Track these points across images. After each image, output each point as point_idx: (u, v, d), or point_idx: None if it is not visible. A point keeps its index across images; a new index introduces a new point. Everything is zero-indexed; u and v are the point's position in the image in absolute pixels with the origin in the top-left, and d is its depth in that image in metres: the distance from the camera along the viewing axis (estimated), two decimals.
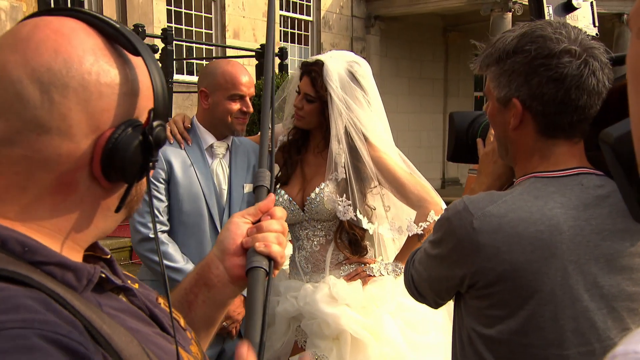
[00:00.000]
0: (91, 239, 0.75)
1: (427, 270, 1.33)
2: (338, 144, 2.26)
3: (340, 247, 2.30)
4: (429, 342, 2.28)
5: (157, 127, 0.73)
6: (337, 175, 2.27)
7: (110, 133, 0.70)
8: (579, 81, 1.15)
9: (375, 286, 2.29)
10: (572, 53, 1.15)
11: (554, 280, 1.16)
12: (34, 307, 0.60)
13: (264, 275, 0.87)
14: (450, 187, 14.63)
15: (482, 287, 1.20)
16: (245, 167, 2.34)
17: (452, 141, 1.53)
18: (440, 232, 1.26)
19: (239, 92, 2.24)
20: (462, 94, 15.54)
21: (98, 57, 0.70)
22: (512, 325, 1.18)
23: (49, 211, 0.70)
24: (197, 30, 10.48)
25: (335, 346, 2.19)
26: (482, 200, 1.21)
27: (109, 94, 0.70)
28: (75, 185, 0.70)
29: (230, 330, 2.26)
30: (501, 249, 1.16)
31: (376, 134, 2.34)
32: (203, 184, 2.23)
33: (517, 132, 1.22)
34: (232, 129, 2.27)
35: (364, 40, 13.22)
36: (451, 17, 14.32)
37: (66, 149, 0.68)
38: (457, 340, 1.32)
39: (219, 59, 2.43)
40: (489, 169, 1.39)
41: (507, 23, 11.65)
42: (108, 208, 0.75)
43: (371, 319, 2.22)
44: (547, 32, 1.16)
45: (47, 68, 0.67)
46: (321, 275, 2.30)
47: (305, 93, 2.27)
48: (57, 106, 0.67)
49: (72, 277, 0.68)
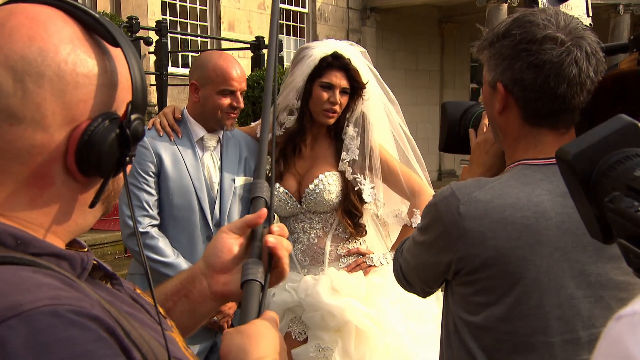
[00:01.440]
0: (71, 234, 0.73)
1: (415, 257, 1.33)
2: (354, 127, 2.32)
3: (343, 220, 2.31)
4: (427, 333, 2.30)
5: (135, 120, 0.71)
6: (351, 157, 2.29)
7: (86, 125, 0.68)
8: (558, 69, 1.13)
9: (377, 276, 2.30)
10: (555, 40, 1.13)
11: (539, 267, 1.15)
12: (55, 284, 0.60)
13: (259, 289, 0.86)
14: (447, 179, 14.64)
15: (467, 274, 1.20)
16: (237, 159, 2.31)
17: (445, 132, 1.52)
18: (427, 218, 1.26)
19: (230, 87, 2.20)
20: (458, 86, 15.53)
21: (75, 47, 0.68)
22: (497, 312, 1.18)
23: (27, 205, 0.68)
24: (192, 23, 10.44)
25: (340, 338, 2.18)
26: (469, 185, 1.21)
27: (86, 84, 0.68)
28: (50, 178, 0.68)
29: (222, 324, 2.25)
30: (487, 234, 1.15)
31: (377, 121, 2.38)
32: (194, 177, 2.21)
33: (503, 116, 1.22)
34: (221, 124, 2.25)
35: (359, 32, 13.19)
36: (447, 9, 14.29)
37: (40, 141, 0.66)
38: (444, 329, 1.32)
39: (211, 51, 2.40)
40: (480, 159, 1.39)
41: (503, 14, 11.62)
42: (85, 203, 0.73)
43: (374, 309, 2.22)
44: (536, 18, 1.15)
45: (20, 56, 0.65)
46: (320, 268, 2.29)
47: (343, 87, 2.26)
48: (30, 95, 0.65)
49: (66, 266, 0.67)
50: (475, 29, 1.42)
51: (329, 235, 2.33)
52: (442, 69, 15.22)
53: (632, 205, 0.62)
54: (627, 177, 0.65)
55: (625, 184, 0.65)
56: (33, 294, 0.57)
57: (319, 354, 2.16)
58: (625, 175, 0.65)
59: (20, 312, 0.56)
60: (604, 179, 0.68)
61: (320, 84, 2.24)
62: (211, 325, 2.23)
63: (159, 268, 2.15)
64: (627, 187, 0.64)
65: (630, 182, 0.64)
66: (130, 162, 0.73)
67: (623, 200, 0.63)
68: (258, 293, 0.86)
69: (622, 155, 0.68)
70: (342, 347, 2.17)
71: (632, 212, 0.61)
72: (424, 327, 2.31)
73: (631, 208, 0.62)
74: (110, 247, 5.72)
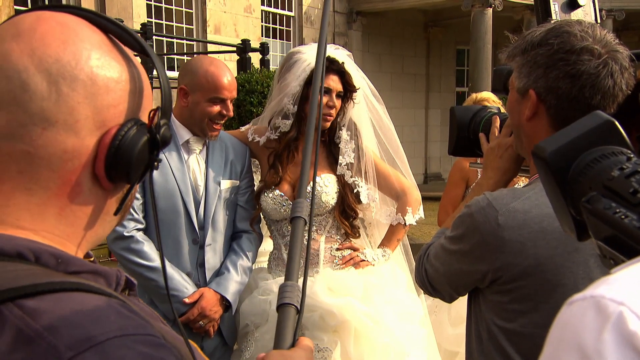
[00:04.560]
0: (91, 245, 0.73)
1: (445, 265, 1.35)
2: (346, 130, 2.34)
3: (340, 222, 2.34)
4: (417, 334, 2.33)
5: (163, 125, 0.71)
6: (347, 160, 2.32)
7: (116, 130, 0.68)
8: (595, 80, 1.15)
9: (373, 276, 2.31)
10: (593, 52, 1.15)
11: (576, 274, 1.19)
12: (119, 310, 0.60)
13: (295, 313, 0.86)
14: (433, 182, 14.70)
15: (505, 282, 1.23)
16: (223, 162, 2.29)
17: (454, 135, 1.54)
18: (462, 228, 1.28)
19: (221, 95, 2.17)
20: (444, 89, 15.61)
21: (104, 53, 0.69)
22: (536, 318, 1.21)
23: (56, 217, 0.67)
24: (178, 26, 10.38)
25: (338, 338, 2.18)
26: (505, 196, 1.24)
27: (116, 90, 0.68)
28: (79, 186, 0.67)
29: (208, 329, 2.23)
30: (526, 244, 1.19)
31: (364, 124, 2.41)
32: (179, 180, 2.19)
33: (531, 124, 1.23)
34: (205, 133, 2.22)
35: (346, 36, 13.21)
36: (432, 13, 14.37)
37: (71, 145, 0.65)
38: (474, 335, 1.34)
39: (202, 56, 2.37)
40: (495, 163, 1.40)
41: (487, 19, 11.71)
42: (107, 212, 0.72)
43: (373, 309, 2.23)
44: (573, 29, 1.17)
45: (55, 59, 0.64)
46: (315, 270, 2.30)
47: (338, 91, 2.28)
48: (65, 99, 0.64)
49: (103, 282, 0.66)
50: (460, 33, 1.44)
51: (323, 237, 2.34)
52: (427, 72, 15.29)
53: (610, 206, 0.62)
54: (604, 176, 0.65)
55: (602, 184, 0.64)
56: (103, 324, 0.57)
57: (317, 355, 2.15)
58: (602, 175, 0.65)
59: (95, 344, 0.55)
60: (580, 178, 0.68)
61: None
62: (197, 330, 2.21)
63: (143, 272, 2.13)
64: (604, 187, 0.64)
65: (607, 183, 0.64)
66: (157, 168, 0.73)
67: (600, 201, 0.63)
68: (294, 317, 0.85)
69: (599, 153, 0.68)
70: (342, 347, 2.17)
71: (610, 214, 0.61)
72: (414, 328, 2.33)
73: (608, 209, 0.61)
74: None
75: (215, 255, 2.26)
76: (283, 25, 12.32)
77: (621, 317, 0.44)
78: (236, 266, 2.26)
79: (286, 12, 12.28)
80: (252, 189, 2.40)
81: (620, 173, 0.63)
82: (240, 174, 2.34)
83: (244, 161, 2.36)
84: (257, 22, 11.40)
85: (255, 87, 5.69)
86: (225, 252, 2.30)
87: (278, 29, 12.24)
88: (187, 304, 2.16)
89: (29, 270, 0.61)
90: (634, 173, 0.63)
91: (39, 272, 0.61)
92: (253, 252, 2.34)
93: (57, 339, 0.55)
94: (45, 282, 0.59)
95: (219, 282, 2.23)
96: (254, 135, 2.40)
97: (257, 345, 2.25)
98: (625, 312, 0.44)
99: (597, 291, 0.47)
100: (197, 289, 2.20)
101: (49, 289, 0.59)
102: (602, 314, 0.45)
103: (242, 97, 5.55)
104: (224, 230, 2.28)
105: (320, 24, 1.04)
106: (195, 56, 2.78)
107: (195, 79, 2.17)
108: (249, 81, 5.76)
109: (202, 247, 2.23)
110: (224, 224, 2.28)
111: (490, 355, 1.28)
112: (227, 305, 2.24)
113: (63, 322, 0.56)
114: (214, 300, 2.20)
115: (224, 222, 2.28)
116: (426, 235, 7.65)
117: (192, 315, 2.17)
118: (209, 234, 2.23)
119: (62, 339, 0.55)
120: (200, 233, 2.22)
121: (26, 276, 0.60)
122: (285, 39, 12.36)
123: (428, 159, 15.36)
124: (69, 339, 0.55)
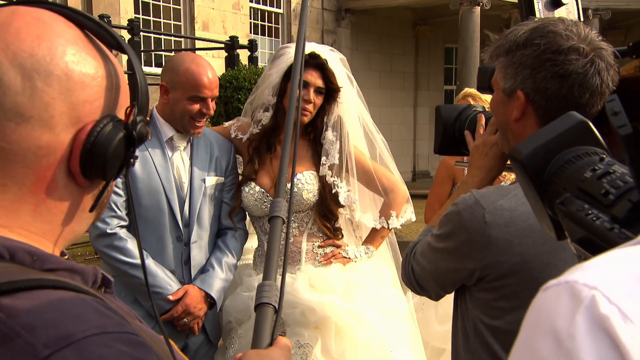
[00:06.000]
0: (67, 242, 0.72)
1: (432, 263, 1.35)
2: (332, 131, 2.31)
3: (320, 224, 2.32)
4: (401, 330, 2.33)
5: (140, 122, 0.71)
6: (331, 161, 2.30)
7: (91, 126, 0.67)
8: (583, 79, 1.15)
9: (356, 273, 2.31)
10: (579, 51, 1.15)
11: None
12: (97, 308, 0.59)
13: (272, 312, 0.87)
14: (421, 180, 14.74)
15: (492, 280, 1.23)
16: (207, 159, 2.28)
17: (440, 134, 1.54)
18: (449, 225, 1.28)
19: (200, 94, 2.15)
20: (433, 88, 15.65)
21: (80, 48, 0.68)
22: (523, 316, 1.20)
23: (31, 214, 0.66)
24: (166, 22, 10.32)
25: (319, 335, 2.18)
26: (492, 194, 1.24)
27: (92, 85, 0.68)
28: (54, 182, 0.67)
29: (192, 326, 2.22)
30: (513, 242, 1.19)
31: (352, 124, 2.39)
32: (163, 177, 2.17)
33: (519, 124, 1.23)
34: (187, 130, 2.21)
35: (334, 34, 13.20)
36: (421, 11, 14.39)
37: (46, 141, 0.64)
38: (461, 332, 1.34)
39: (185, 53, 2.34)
40: (480, 161, 1.41)
41: (475, 17, 11.76)
42: (83, 208, 0.71)
43: (355, 306, 2.23)
44: (558, 29, 1.17)
45: (29, 54, 0.64)
46: (296, 267, 2.29)
47: (318, 87, 2.25)
48: (39, 94, 0.63)
49: (80, 280, 0.66)
50: (449, 31, 1.44)
51: (305, 234, 2.33)
52: (416, 70, 15.33)
53: (582, 208, 0.62)
54: (577, 178, 0.65)
55: (576, 185, 0.65)
56: (82, 321, 0.57)
57: (298, 351, 2.16)
58: (576, 176, 0.65)
59: (73, 342, 0.54)
60: (555, 179, 0.68)
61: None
62: (181, 327, 2.20)
63: (127, 270, 2.12)
64: (577, 189, 0.64)
65: (580, 184, 0.64)
66: (133, 165, 0.72)
67: (573, 203, 0.63)
68: (271, 317, 0.86)
69: (573, 154, 0.68)
70: (322, 343, 2.17)
71: (582, 216, 0.61)
72: (398, 325, 2.34)
73: (581, 211, 0.62)
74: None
75: (201, 253, 2.25)
76: (272, 23, 12.29)
77: (593, 301, 0.45)
78: (221, 263, 2.25)
79: (275, 9, 12.25)
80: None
81: (592, 174, 0.64)
82: (226, 170, 2.33)
83: (229, 157, 2.35)
84: (245, 19, 11.36)
85: (243, 83, 5.67)
86: (211, 249, 2.29)
87: (267, 26, 12.21)
88: (172, 302, 2.15)
89: (5, 268, 0.60)
90: (606, 174, 0.63)
91: (14, 270, 0.60)
92: (238, 249, 2.34)
93: (34, 336, 0.54)
94: (22, 280, 0.58)
95: (203, 280, 2.22)
96: (236, 132, 2.39)
97: (241, 342, 2.24)
98: (598, 296, 0.45)
99: (571, 277, 0.48)
100: (182, 286, 2.19)
101: (25, 286, 0.58)
102: (576, 298, 0.46)
103: (230, 94, 5.54)
104: (210, 227, 2.27)
105: (300, 17, 1.04)
106: (178, 53, 2.75)
107: (176, 77, 2.16)
108: (236, 78, 5.74)
109: (188, 244, 2.22)
110: (209, 221, 2.27)
111: (476, 352, 1.28)
112: (212, 302, 2.23)
113: (40, 320, 0.55)
114: (198, 297, 2.19)
115: (209, 219, 2.27)
116: (413, 233, 7.67)
117: (176, 313, 2.16)
118: (195, 231, 2.22)
119: (40, 337, 0.54)
120: (185, 230, 2.21)
121: (1, 274, 0.59)
122: (274, 36, 12.33)
123: (416, 156, 15.41)
124: (46, 336, 0.54)
